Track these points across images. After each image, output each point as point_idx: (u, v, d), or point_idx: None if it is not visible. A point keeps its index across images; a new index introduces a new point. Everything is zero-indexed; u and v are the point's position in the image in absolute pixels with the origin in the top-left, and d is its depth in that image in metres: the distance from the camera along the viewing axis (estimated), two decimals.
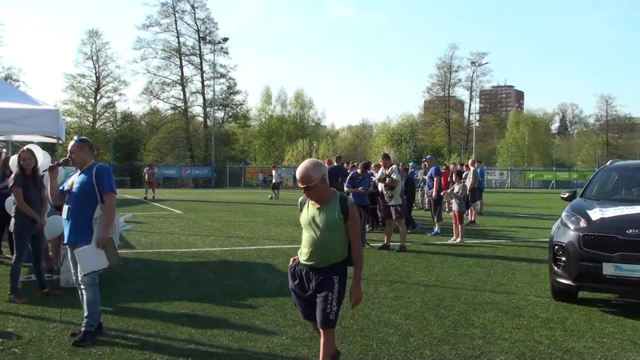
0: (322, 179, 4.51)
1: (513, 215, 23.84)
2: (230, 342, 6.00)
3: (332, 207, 4.56)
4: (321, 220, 4.56)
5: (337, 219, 4.52)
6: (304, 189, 4.53)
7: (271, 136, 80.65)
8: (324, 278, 4.57)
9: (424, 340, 6.11)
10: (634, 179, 9.57)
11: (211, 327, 6.55)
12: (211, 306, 7.50)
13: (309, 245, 4.62)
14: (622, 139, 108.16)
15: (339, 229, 4.54)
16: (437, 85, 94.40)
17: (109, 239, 6.00)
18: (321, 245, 4.56)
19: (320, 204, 4.59)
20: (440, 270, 10.37)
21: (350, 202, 4.59)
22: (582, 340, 6.18)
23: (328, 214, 4.54)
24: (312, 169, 4.49)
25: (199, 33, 71.89)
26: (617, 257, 7.04)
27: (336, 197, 4.61)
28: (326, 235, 4.54)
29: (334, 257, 4.59)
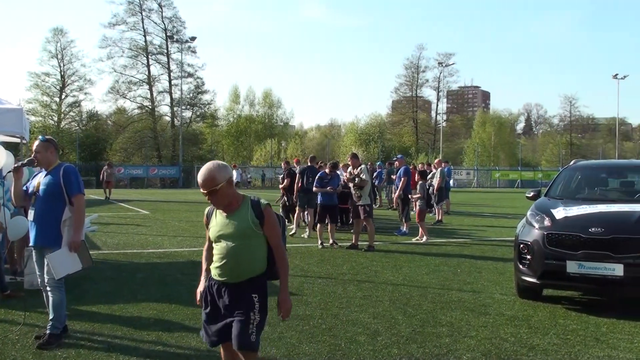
0: (229, 182, 3.99)
1: (479, 215, 24.11)
2: (199, 343, 5.95)
3: (243, 212, 4.04)
4: (232, 229, 4.01)
5: (252, 225, 4.00)
6: (208, 195, 3.97)
7: (239, 136, 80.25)
8: (241, 296, 4.03)
9: (392, 339, 6.16)
10: (596, 179, 9.78)
11: (179, 328, 6.51)
12: (179, 307, 7.45)
13: (220, 259, 4.05)
14: (585, 139, 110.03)
15: (254, 236, 4.03)
16: (405, 86, 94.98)
17: (81, 241, 5.93)
18: (234, 256, 4.00)
19: (229, 212, 4.06)
20: (408, 269, 10.45)
21: (265, 205, 4.07)
22: (546, 337, 6.29)
23: (240, 221, 4.02)
24: (217, 170, 3.97)
25: (166, 32, 71.22)
26: (580, 255, 7.18)
27: (247, 201, 4.10)
28: (240, 245, 4.00)
29: (249, 270, 4.06)
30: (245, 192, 4.23)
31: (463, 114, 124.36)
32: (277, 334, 6.24)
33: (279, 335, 6.20)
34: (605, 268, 7.05)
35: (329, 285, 8.90)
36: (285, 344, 5.93)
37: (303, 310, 7.30)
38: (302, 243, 13.93)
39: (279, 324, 6.63)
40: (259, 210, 4.04)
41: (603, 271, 7.07)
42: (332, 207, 13.67)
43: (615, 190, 9.50)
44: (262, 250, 4.11)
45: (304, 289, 8.58)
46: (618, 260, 7.01)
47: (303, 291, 8.45)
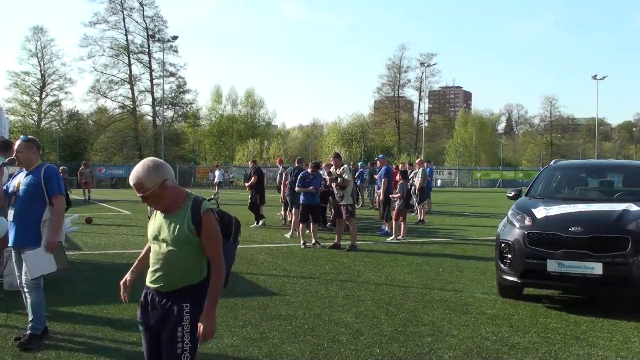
0: (162, 186, 3.54)
1: (461, 214, 24.25)
2: None
3: (182, 215, 3.60)
4: (168, 233, 3.60)
5: (187, 231, 3.55)
6: (141, 198, 3.60)
7: (221, 136, 79.98)
8: (170, 306, 3.58)
9: (374, 338, 6.17)
10: (576, 178, 9.89)
11: None
12: None
13: (153, 264, 3.68)
14: (565, 139, 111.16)
15: (190, 243, 3.58)
16: (387, 86, 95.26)
17: (58, 243, 5.88)
18: (167, 264, 3.60)
19: (169, 212, 3.65)
20: (390, 268, 10.48)
21: (205, 209, 3.60)
22: (527, 336, 6.34)
23: (176, 225, 3.59)
24: (146, 175, 3.52)
25: (147, 31, 70.89)
26: (561, 254, 7.25)
27: (189, 202, 3.63)
28: (175, 251, 3.58)
29: (183, 279, 3.60)
30: (226, 192, 4.16)
31: (445, 114, 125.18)
32: (260, 334, 6.24)
33: (261, 336, 6.19)
34: (585, 267, 7.12)
35: (312, 285, 8.90)
36: (268, 344, 5.92)
37: (285, 310, 7.29)
38: (284, 243, 13.93)
39: (260, 324, 6.63)
40: (197, 214, 3.57)
41: (583, 270, 7.14)
42: (315, 206, 13.68)
43: (595, 189, 9.61)
44: (199, 259, 3.63)
45: (286, 289, 8.58)
46: (597, 259, 7.09)
47: (285, 291, 8.45)
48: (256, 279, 9.35)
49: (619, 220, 7.37)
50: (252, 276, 9.61)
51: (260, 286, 8.83)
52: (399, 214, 14.60)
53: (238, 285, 8.84)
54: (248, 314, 7.12)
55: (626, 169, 10.36)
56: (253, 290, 8.57)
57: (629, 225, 7.25)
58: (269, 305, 7.58)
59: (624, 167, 10.58)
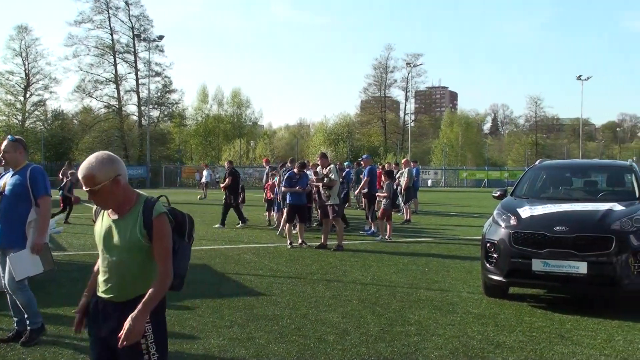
0: (115, 181, 3.27)
1: (447, 214, 24.34)
2: (169, 343, 5.91)
3: (132, 218, 3.32)
4: (117, 238, 3.31)
5: (139, 235, 3.28)
6: (89, 194, 3.29)
7: (208, 135, 79.78)
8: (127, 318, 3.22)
9: (360, 338, 6.18)
10: (561, 178, 9.97)
11: None
12: None
13: (104, 272, 3.38)
14: (550, 139, 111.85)
15: (144, 248, 3.31)
16: (374, 86, 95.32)
17: (44, 244, 5.84)
18: (119, 272, 3.33)
19: (119, 214, 3.36)
20: (376, 268, 10.50)
21: (158, 212, 3.31)
22: (512, 335, 6.38)
23: (127, 230, 3.30)
24: (99, 166, 3.25)
25: (133, 30, 70.52)
26: (545, 253, 7.30)
27: (140, 205, 3.34)
28: (125, 258, 3.31)
29: (138, 287, 3.32)
30: (213, 192, 4.13)
31: (431, 114, 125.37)
32: (246, 335, 6.23)
33: (248, 336, 6.19)
34: (570, 266, 7.17)
35: (298, 285, 8.90)
36: (254, 345, 5.92)
37: (272, 311, 7.29)
38: (271, 243, 13.91)
39: (247, 324, 6.62)
40: (149, 218, 3.29)
41: (567, 269, 7.19)
42: (301, 207, 13.68)
43: (579, 189, 9.68)
44: (155, 263, 3.35)
45: (272, 289, 8.58)
46: (582, 258, 7.14)
47: (272, 291, 8.44)
48: (243, 279, 9.33)
49: (603, 220, 7.43)
50: (239, 276, 9.60)
51: (247, 286, 8.82)
52: (385, 213, 14.64)
53: (224, 286, 8.83)
54: (234, 314, 7.11)
55: (610, 169, 10.46)
56: (239, 290, 8.56)
57: (613, 225, 7.31)
58: (256, 305, 7.58)
59: (607, 167, 10.68)
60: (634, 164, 9.60)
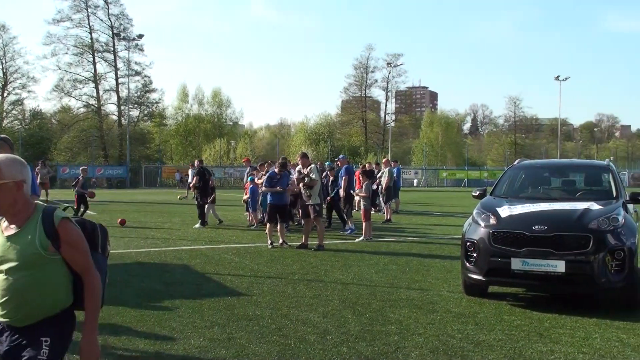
0: (18, 184, 3.00)
1: (427, 214, 24.44)
2: (146, 345, 5.89)
3: (30, 230, 2.99)
4: (14, 254, 2.96)
5: (40, 248, 2.95)
6: None
7: (188, 135, 79.42)
8: (24, 344, 2.97)
9: (341, 337, 6.19)
10: (539, 178, 10.05)
11: (126, 331, 6.41)
12: (126, 309, 7.33)
13: (1, 294, 2.99)
14: (529, 139, 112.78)
15: (46, 263, 2.98)
16: (354, 86, 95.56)
17: None
18: (17, 292, 2.96)
19: (15, 224, 3.03)
20: (357, 268, 10.52)
21: (59, 218, 3.01)
22: (492, 333, 6.42)
23: (24, 243, 2.96)
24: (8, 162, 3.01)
25: (112, 29, 70.09)
26: (524, 252, 7.36)
27: (37, 214, 3.04)
28: (24, 276, 2.95)
29: (40, 309, 3.00)
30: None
31: (411, 114, 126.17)
32: (227, 335, 6.21)
33: (229, 336, 6.17)
34: (548, 265, 7.24)
35: (279, 285, 8.89)
36: (235, 345, 5.90)
37: (253, 311, 7.28)
38: (251, 243, 13.88)
39: (228, 325, 6.61)
40: (50, 226, 2.98)
41: (546, 268, 7.25)
42: (282, 206, 13.67)
43: (558, 189, 9.78)
44: (60, 281, 3.06)
45: (253, 289, 8.56)
46: (560, 257, 7.21)
47: (253, 291, 8.42)
48: (223, 280, 9.30)
49: (580, 219, 7.50)
50: (219, 277, 9.57)
51: (228, 286, 8.80)
52: (366, 213, 14.65)
53: (205, 286, 8.79)
54: (215, 314, 7.09)
55: (587, 168, 10.57)
56: (220, 290, 8.53)
57: (591, 224, 7.38)
58: (236, 305, 7.56)
59: (585, 167, 10.79)
60: (611, 164, 9.72)
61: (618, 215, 7.55)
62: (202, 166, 18.84)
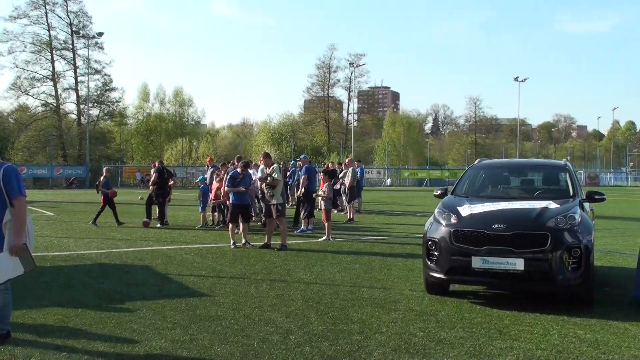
0: None
1: (390, 213, 24.62)
2: (107, 347, 5.81)
3: None
4: None
5: None
6: None
7: (149, 135, 78.64)
8: None
9: (304, 337, 6.20)
10: (499, 177, 10.21)
11: (86, 333, 6.31)
12: (85, 311, 7.21)
13: None
14: (489, 138, 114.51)
15: None
16: (317, 85, 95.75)
17: (22, 245, 5.64)
18: None
19: None
20: (320, 267, 10.54)
21: None
22: (453, 331, 6.50)
23: None
24: None
25: (71, 26, 69.01)
26: (485, 250, 7.46)
27: None
28: None
29: None
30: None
31: (374, 114, 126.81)
32: (189, 336, 6.16)
33: (190, 337, 6.12)
34: (508, 263, 7.35)
35: (242, 285, 8.86)
36: (197, 346, 5.86)
37: (215, 311, 7.24)
38: (214, 243, 13.80)
39: (190, 326, 6.56)
40: None
41: (505, 266, 7.37)
42: (245, 206, 13.63)
43: (517, 188, 9.95)
44: None
45: (216, 290, 8.51)
46: (519, 255, 7.33)
47: (215, 292, 8.37)
48: (185, 280, 9.23)
49: (539, 218, 7.64)
50: (181, 277, 9.49)
51: (189, 287, 8.73)
52: (328, 214, 14.71)
53: (166, 287, 8.71)
54: (176, 315, 7.03)
55: (545, 168, 10.76)
56: (182, 291, 8.46)
57: (549, 223, 7.53)
58: (199, 306, 7.50)
59: (543, 167, 10.99)
60: (568, 163, 9.93)
61: (575, 214, 7.72)
62: (162, 166, 18.79)
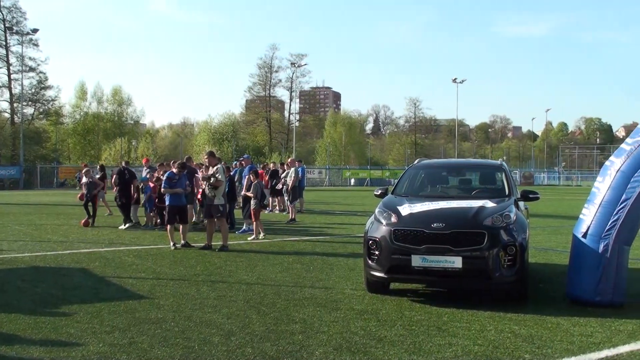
0: None
1: (331, 213, 24.74)
2: (42, 353, 5.65)
3: None
4: None
5: None
6: None
7: (87, 134, 76.91)
8: None
9: (245, 338, 6.17)
10: (438, 177, 10.41)
11: (19, 339, 6.12)
12: (19, 316, 7.00)
13: None
14: (428, 139, 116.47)
15: None
16: (258, 85, 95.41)
17: None
18: None
19: None
20: (262, 268, 10.51)
21: None
22: (393, 329, 6.58)
23: None
24: None
25: (4, 22, 66.90)
26: (424, 249, 7.58)
27: None
28: None
29: None
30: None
31: (315, 114, 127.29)
32: (128, 340, 6.05)
33: (130, 341, 6.01)
34: (446, 261, 7.49)
35: (182, 287, 8.76)
36: (136, 349, 5.76)
37: (155, 314, 7.13)
38: (153, 245, 13.59)
39: (129, 329, 6.44)
40: None
41: (444, 264, 7.51)
42: (182, 207, 13.48)
43: (455, 187, 10.16)
44: None
45: (155, 292, 8.38)
46: (457, 253, 7.48)
47: (155, 294, 8.25)
48: (124, 283, 9.06)
49: (476, 217, 7.82)
50: (120, 280, 9.31)
51: (129, 290, 8.58)
52: (256, 213, 14.73)
53: (104, 290, 8.54)
54: (115, 319, 6.89)
55: (482, 168, 11.03)
56: (120, 294, 8.30)
57: (485, 221, 7.71)
58: (138, 309, 7.38)
59: (480, 166, 11.26)
60: (504, 163, 10.19)
61: (510, 213, 7.93)
62: (124, 167, 18.39)
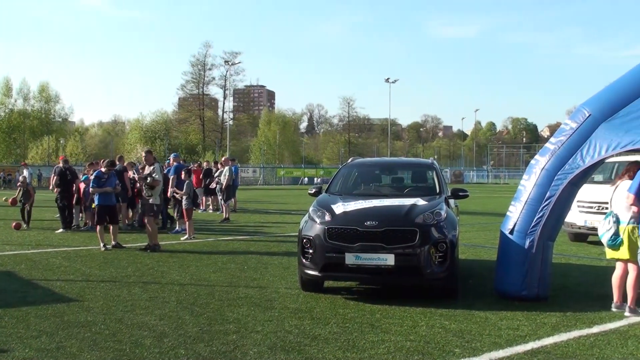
0: None
1: (265, 212, 24.70)
2: None
3: None
4: None
5: None
6: None
7: (12, 132, 74.33)
8: None
9: (178, 339, 6.10)
10: (371, 175, 10.54)
11: None
12: None
13: None
14: (362, 138, 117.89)
15: None
16: (192, 83, 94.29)
17: None
18: None
19: None
20: (195, 268, 10.40)
21: None
22: (327, 327, 6.63)
23: None
24: None
25: None
26: (357, 247, 7.66)
27: None
28: None
29: None
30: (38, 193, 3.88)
31: (249, 112, 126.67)
32: (56, 344, 5.88)
33: (58, 345, 5.85)
34: (379, 258, 7.59)
35: (113, 289, 8.57)
36: (65, 354, 5.61)
37: (84, 317, 6.95)
38: (83, 246, 13.25)
39: (57, 333, 6.26)
40: None
41: (377, 261, 7.60)
42: (111, 207, 13.19)
43: (388, 185, 10.31)
44: None
45: (85, 294, 8.18)
46: (390, 250, 7.59)
47: (84, 296, 8.05)
48: (51, 285, 8.80)
49: (408, 214, 7.95)
50: (47, 282, 9.03)
51: (57, 292, 8.33)
52: (189, 212, 14.58)
53: (31, 293, 8.27)
54: (42, 323, 6.69)
55: (414, 166, 11.24)
56: (48, 297, 8.06)
57: (417, 219, 7.85)
58: (66, 312, 7.18)
59: (412, 165, 11.47)
60: (435, 162, 10.40)
61: (441, 210, 8.10)
62: (65, 166, 17.41)
